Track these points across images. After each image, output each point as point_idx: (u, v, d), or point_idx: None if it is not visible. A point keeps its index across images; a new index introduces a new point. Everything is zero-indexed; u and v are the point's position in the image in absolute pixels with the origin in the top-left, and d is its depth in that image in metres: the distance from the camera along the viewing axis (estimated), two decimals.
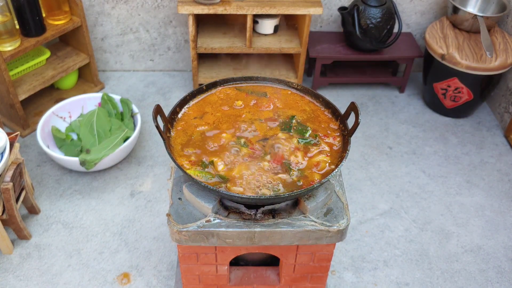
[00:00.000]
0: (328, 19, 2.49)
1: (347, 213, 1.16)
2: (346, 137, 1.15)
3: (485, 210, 1.96)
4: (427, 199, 2.00)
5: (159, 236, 1.81)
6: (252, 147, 1.14)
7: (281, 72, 2.46)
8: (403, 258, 1.77)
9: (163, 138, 1.10)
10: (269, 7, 2.12)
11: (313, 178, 1.09)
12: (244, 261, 1.44)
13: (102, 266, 1.70)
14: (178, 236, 1.11)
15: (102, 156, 1.90)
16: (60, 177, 2.02)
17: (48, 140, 2.03)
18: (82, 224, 1.84)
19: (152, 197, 1.95)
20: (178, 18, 2.45)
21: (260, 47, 2.29)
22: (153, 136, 2.23)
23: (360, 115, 1.10)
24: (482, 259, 1.78)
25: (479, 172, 2.13)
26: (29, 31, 2.02)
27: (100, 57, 2.58)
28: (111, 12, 2.41)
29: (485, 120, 2.42)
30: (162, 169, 2.08)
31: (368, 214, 1.92)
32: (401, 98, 2.54)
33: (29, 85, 2.14)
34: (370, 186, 2.04)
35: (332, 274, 1.70)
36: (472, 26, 2.25)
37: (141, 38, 2.52)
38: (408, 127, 2.36)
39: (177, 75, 2.65)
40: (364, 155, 2.19)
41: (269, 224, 1.10)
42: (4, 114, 2.20)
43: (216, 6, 2.10)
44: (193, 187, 1.13)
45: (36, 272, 1.68)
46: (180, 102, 1.23)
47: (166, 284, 1.65)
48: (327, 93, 2.51)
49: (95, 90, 2.46)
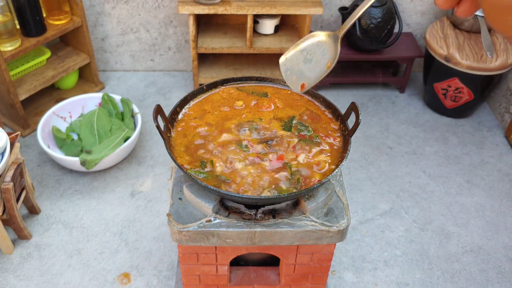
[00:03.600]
0: (328, 19, 2.49)
1: (348, 213, 1.15)
2: (347, 137, 1.15)
3: (486, 210, 1.96)
4: (427, 199, 2.00)
5: (160, 236, 1.81)
6: (253, 148, 1.14)
7: (281, 72, 2.46)
8: (404, 258, 1.77)
9: (164, 138, 1.10)
10: (269, 7, 2.12)
11: (314, 178, 1.09)
12: (244, 261, 1.44)
13: (102, 266, 1.70)
14: (178, 236, 1.11)
15: (102, 156, 1.90)
16: (61, 177, 2.02)
17: (48, 140, 2.03)
18: (82, 224, 1.84)
19: (152, 197, 1.95)
20: (179, 18, 2.45)
21: (261, 47, 2.29)
22: (153, 136, 2.23)
23: (360, 115, 1.10)
24: (482, 259, 1.78)
25: (480, 172, 2.13)
26: (29, 31, 2.02)
27: (100, 57, 2.58)
28: (112, 12, 2.41)
29: (486, 120, 2.42)
30: (162, 169, 2.08)
31: (368, 214, 1.92)
32: (402, 98, 2.54)
33: (30, 85, 2.14)
34: (371, 186, 2.04)
35: (332, 274, 1.70)
36: (473, 26, 2.25)
37: (142, 38, 2.52)
38: (408, 127, 2.36)
39: (178, 75, 2.65)
40: (365, 155, 2.19)
41: (269, 224, 1.10)
42: (5, 114, 2.20)
43: (216, 6, 2.10)
44: (194, 187, 1.13)
45: (37, 272, 1.68)
46: (180, 102, 1.23)
47: (166, 284, 1.65)
48: (327, 93, 2.51)
49: (96, 90, 2.46)
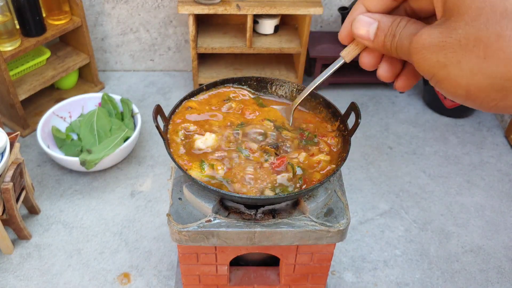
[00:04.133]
0: (328, 19, 2.49)
1: (347, 213, 1.15)
2: (347, 137, 1.15)
3: (486, 210, 1.96)
4: (427, 199, 2.00)
5: (159, 236, 1.81)
6: (252, 151, 1.14)
7: (281, 72, 2.46)
8: (403, 258, 1.77)
9: (163, 138, 1.10)
10: (269, 7, 2.12)
11: (313, 178, 1.09)
12: (244, 261, 1.44)
13: (102, 266, 1.70)
14: (178, 236, 1.11)
15: (102, 156, 1.90)
16: (61, 177, 2.02)
17: (48, 140, 2.03)
18: (82, 224, 1.84)
19: (152, 197, 1.95)
20: (179, 18, 2.45)
21: (260, 47, 2.29)
22: (153, 136, 2.23)
23: (360, 115, 1.10)
24: (482, 259, 1.78)
25: (479, 172, 2.13)
26: (29, 31, 2.02)
27: (100, 57, 2.58)
28: (111, 12, 2.41)
29: (485, 120, 2.42)
30: (162, 169, 2.08)
31: (368, 214, 1.92)
32: (401, 98, 2.54)
33: (29, 85, 2.14)
34: (370, 186, 2.04)
35: (332, 274, 1.70)
36: None
37: (141, 38, 2.52)
38: (408, 127, 2.35)
39: (177, 75, 2.65)
40: (364, 155, 2.19)
41: (269, 224, 1.10)
42: (4, 114, 2.20)
43: (216, 6, 2.10)
44: (193, 187, 1.13)
45: (36, 272, 1.68)
46: (180, 102, 1.23)
47: (166, 284, 1.65)
48: (327, 93, 2.51)
49: (95, 90, 2.46)
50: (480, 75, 0.40)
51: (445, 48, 0.41)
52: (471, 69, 0.40)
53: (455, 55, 0.41)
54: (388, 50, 0.50)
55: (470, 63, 0.40)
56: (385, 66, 0.54)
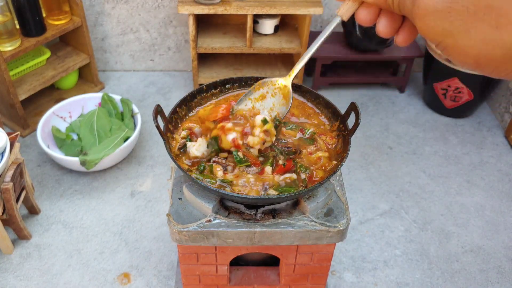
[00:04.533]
0: (328, 19, 2.49)
1: (347, 213, 1.15)
2: (347, 137, 1.15)
3: (485, 210, 1.96)
4: (427, 199, 2.00)
5: (159, 236, 1.81)
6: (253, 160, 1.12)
7: (281, 72, 2.46)
8: (403, 258, 1.77)
9: (163, 138, 1.10)
10: (269, 7, 2.12)
11: (316, 177, 1.09)
12: (244, 261, 1.44)
13: (102, 266, 1.70)
14: (178, 236, 1.11)
15: (102, 156, 1.90)
16: (60, 177, 2.02)
17: (48, 140, 2.03)
18: (82, 224, 1.84)
19: (152, 197, 1.95)
20: (178, 18, 2.45)
21: (260, 47, 2.29)
22: (153, 136, 2.23)
23: (360, 115, 1.10)
24: (482, 259, 1.78)
25: (479, 172, 2.13)
26: (29, 31, 2.02)
27: (100, 57, 2.58)
28: (111, 12, 2.41)
29: (486, 120, 2.42)
30: (162, 169, 2.08)
31: (368, 214, 1.92)
32: (401, 98, 2.54)
33: (29, 85, 2.14)
34: (370, 186, 2.04)
35: (332, 274, 1.70)
36: None
37: (141, 38, 2.52)
38: (408, 127, 2.35)
39: (177, 75, 2.65)
40: (364, 155, 2.19)
41: (269, 224, 1.10)
42: (4, 114, 2.20)
43: (216, 6, 2.10)
44: (193, 187, 1.13)
45: (36, 272, 1.68)
46: (180, 102, 1.23)
47: (166, 284, 1.65)
48: (327, 93, 2.51)
49: (95, 90, 2.46)
50: (491, 45, 0.37)
51: (451, 15, 0.38)
52: (482, 39, 0.37)
53: (463, 24, 0.38)
54: (389, 5, 0.47)
55: (480, 32, 0.37)
56: (384, 21, 0.50)
